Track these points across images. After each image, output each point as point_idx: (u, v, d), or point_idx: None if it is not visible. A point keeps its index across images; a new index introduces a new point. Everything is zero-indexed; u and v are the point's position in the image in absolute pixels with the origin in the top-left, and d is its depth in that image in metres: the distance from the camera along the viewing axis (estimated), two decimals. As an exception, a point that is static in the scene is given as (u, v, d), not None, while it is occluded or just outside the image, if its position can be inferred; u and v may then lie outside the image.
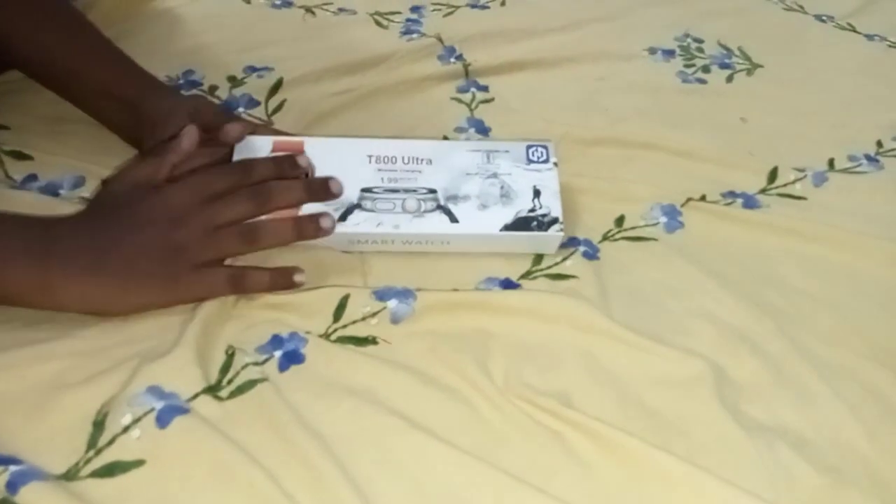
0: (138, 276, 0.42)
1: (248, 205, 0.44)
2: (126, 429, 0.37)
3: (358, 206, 0.48)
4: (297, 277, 0.45)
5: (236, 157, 0.48)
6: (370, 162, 0.49)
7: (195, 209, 0.43)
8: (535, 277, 0.50)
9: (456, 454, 0.38)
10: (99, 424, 0.38)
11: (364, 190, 0.48)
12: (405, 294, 0.46)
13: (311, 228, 0.45)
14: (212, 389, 0.40)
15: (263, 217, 0.44)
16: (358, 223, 0.47)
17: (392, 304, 0.45)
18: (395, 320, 0.45)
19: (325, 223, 0.45)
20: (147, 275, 0.42)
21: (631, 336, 0.45)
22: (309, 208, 0.46)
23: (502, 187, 0.49)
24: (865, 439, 0.42)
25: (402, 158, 0.49)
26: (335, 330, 0.44)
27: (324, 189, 0.46)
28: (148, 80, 0.55)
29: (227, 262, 0.45)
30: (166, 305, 0.43)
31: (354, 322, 0.45)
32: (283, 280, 0.45)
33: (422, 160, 0.50)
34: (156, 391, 0.39)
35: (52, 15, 0.54)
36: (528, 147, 0.51)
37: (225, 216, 0.43)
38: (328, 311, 0.45)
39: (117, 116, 0.55)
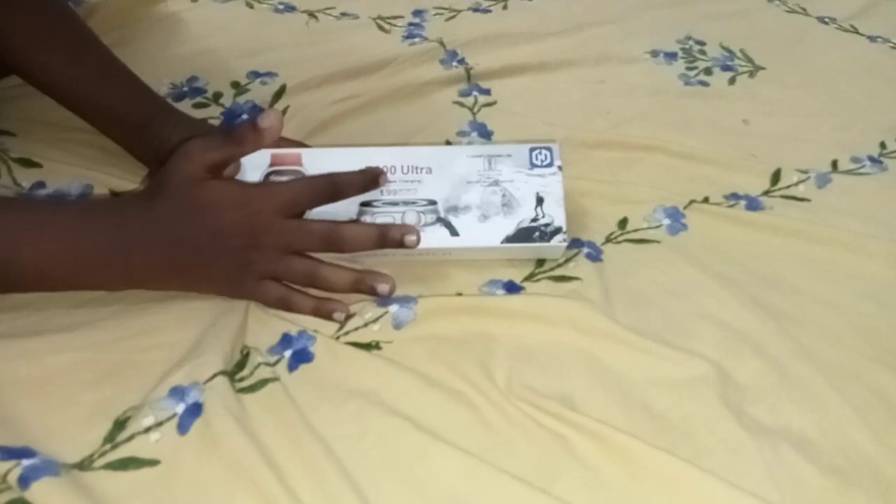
0: (208, 277, 0.45)
1: (320, 243, 0.45)
2: (147, 430, 0.38)
3: (357, 221, 0.47)
4: (337, 316, 0.45)
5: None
6: None
7: (273, 229, 0.43)
8: (538, 280, 0.50)
9: (459, 456, 0.39)
10: (120, 424, 0.38)
11: (363, 204, 0.47)
12: (406, 299, 0.46)
13: (368, 287, 0.45)
14: (229, 387, 0.40)
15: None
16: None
17: (393, 309, 0.46)
18: (398, 325, 0.45)
19: (382, 288, 0.45)
20: (216, 277, 0.45)
21: (634, 338, 0.45)
22: (318, 211, 0.46)
23: (504, 196, 0.48)
24: (870, 440, 0.42)
25: (402, 168, 0.48)
26: (338, 338, 0.45)
27: (399, 241, 0.44)
28: (154, 105, 0.55)
29: None
30: (230, 298, 0.46)
31: (357, 329, 0.45)
32: (325, 310, 0.45)
33: (421, 169, 0.49)
34: (178, 394, 0.39)
35: (60, 35, 0.54)
36: (532, 150, 0.50)
37: (296, 246, 0.45)
38: (333, 325, 0.45)
39: (124, 140, 0.55)
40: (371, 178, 0.46)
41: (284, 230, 0.44)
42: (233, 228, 0.43)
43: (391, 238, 0.44)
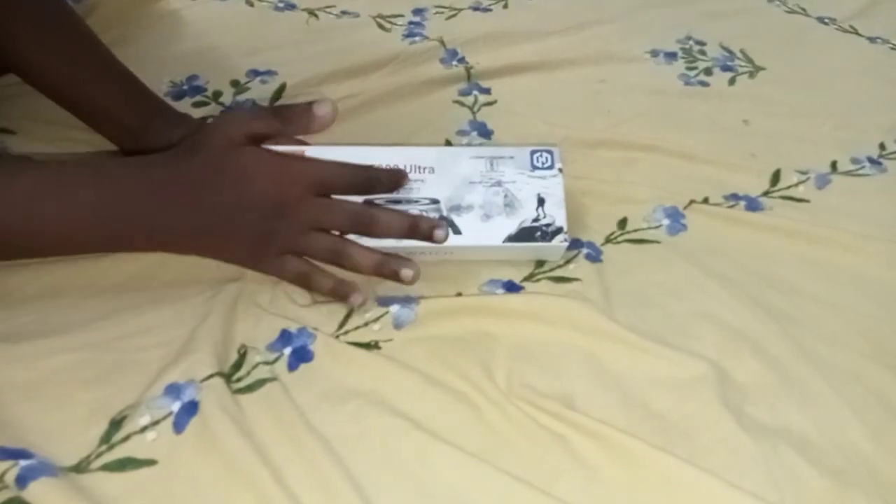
0: (231, 243, 0.44)
1: (350, 223, 0.44)
2: (143, 429, 0.38)
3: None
4: (353, 298, 0.45)
5: None
6: None
7: (303, 203, 0.43)
8: (538, 280, 0.50)
9: (459, 456, 0.39)
10: (116, 424, 0.38)
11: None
12: (408, 300, 0.46)
13: (391, 271, 0.45)
14: (225, 387, 0.40)
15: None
16: (360, 236, 0.47)
17: (394, 309, 0.46)
18: (398, 325, 0.45)
19: (405, 274, 0.45)
20: (239, 244, 0.44)
21: (634, 338, 0.45)
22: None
23: (506, 196, 0.49)
24: (869, 441, 0.42)
25: (405, 167, 0.49)
26: (338, 337, 0.45)
27: (429, 233, 0.44)
28: (153, 106, 0.55)
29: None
30: (250, 269, 0.46)
31: (357, 328, 0.45)
32: (342, 292, 0.45)
33: (424, 168, 0.49)
34: (173, 392, 0.39)
35: (59, 34, 0.53)
36: (533, 152, 0.50)
37: (325, 224, 0.44)
38: (333, 322, 0.45)
39: (123, 141, 0.55)
40: (398, 176, 0.46)
41: (315, 205, 0.44)
42: (262, 196, 0.42)
43: (421, 229, 0.44)
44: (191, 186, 0.42)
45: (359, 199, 0.47)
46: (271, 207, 0.43)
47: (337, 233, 0.45)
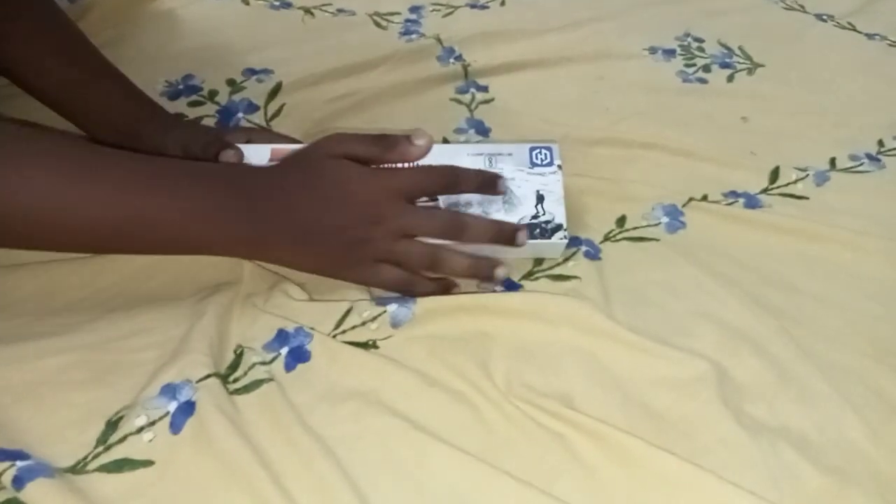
0: (325, 252, 0.44)
1: (443, 229, 0.45)
2: (140, 430, 0.38)
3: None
4: (456, 291, 0.48)
5: None
6: None
7: (396, 210, 0.44)
8: (536, 278, 0.50)
9: (458, 456, 0.38)
10: (112, 424, 0.38)
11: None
12: (405, 299, 0.46)
13: (486, 273, 0.47)
14: (222, 388, 0.40)
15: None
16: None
17: (392, 308, 0.45)
18: (395, 324, 0.45)
19: (499, 273, 0.47)
20: (333, 253, 0.44)
21: (633, 337, 0.45)
22: None
23: (505, 193, 0.49)
24: (869, 439, 0.42)
25: (403, 164, 0.49)
26: (335, 336, 0.44)
27: (511, 238, 0.46)
28: (147, 108, 0.55)
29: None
30: (339, 279, 0.47)
31: (354, 327, 0.45)
32: (448, 287, 0.47)
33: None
34: (169, 392, 0.39)
35: (52, 38, 0.53)
36: (532, 149, 0.50)
37: (418, 230, 0.45)
38: (330, 322, 0.45)
39: (118, 145, 0.54)
40: (489, 181, 0.47)
41: (407, 212, 0.45)
42: (355, 204, 0.44)
43: (506, 234, 0.46)
44: (286, 191, 0.43)
45: None
46: (365, 213, 0.44)
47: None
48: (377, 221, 0.44)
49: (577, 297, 0.48)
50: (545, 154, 0.50)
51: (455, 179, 0.46)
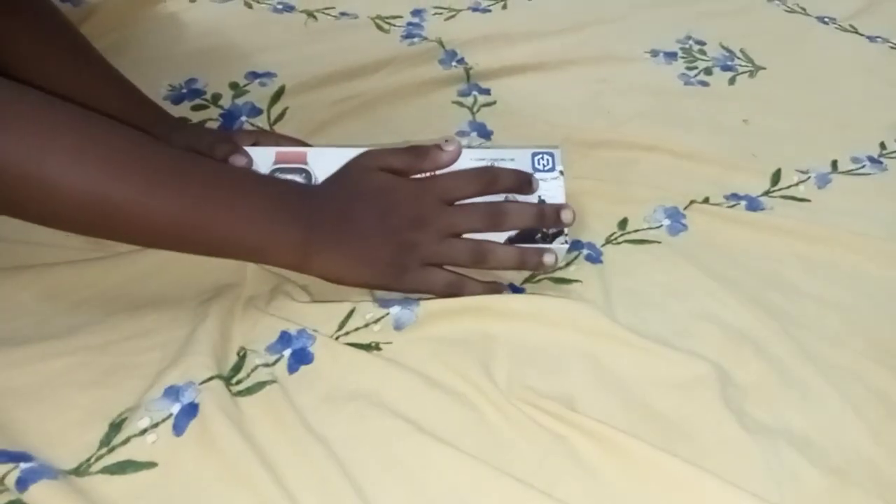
0: (374, 259, 0.45)
1: (485, 221, 0.47)
2: (143, 431, 0.38)
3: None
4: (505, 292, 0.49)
5: None
6: None
7: (437, 212, 0.46)
8: (538, 281, 0.50)
9: (460, 458, 0.38)
10: (116, 426, 0.38)
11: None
12: (408, 302, 0.46)
13: (534, 262, 0.47)
14: (225, 389, 0.40)
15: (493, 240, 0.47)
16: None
17: (395, 310, 0.45)
18: (398, 327, 0.45)
19: (548, 259, 0.47)
20: (381, 260, 0.45)
21: (635, 339, 0.45)
22: None
23: (507, 198, 0.48)
24: (870, 441, 0.42)
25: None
26: (338, 337, 0.44)
27: (556, 217, 0.47)
28: (152, 112, 0.55)
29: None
30: (387, 289, 0.47)
31: (357, 329, 0.45)
32: (497, 289, 0.48)
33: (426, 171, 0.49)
34: (172, 394, 0.39)
35: (57, 45, 0.53)
36: (534, 155, 0.50)
37: (461, 227, 0.46)
38: (333, 324, 0.45)
39: None
40: (525, 180, 0.48)
41: (448, 212, 0.46)
42: (399, 210, 0.45)
43: (548, 216, 0.47)
44: (334, 203, 0.45)
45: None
46: (409, 218, 0.45)
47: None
48: (421, 226, 0.45)
49: (579, 299, 0.48)
50: (547, 159, 0.50)
51: (493, 179, 0.47)
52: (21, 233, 0.46)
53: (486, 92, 0.69)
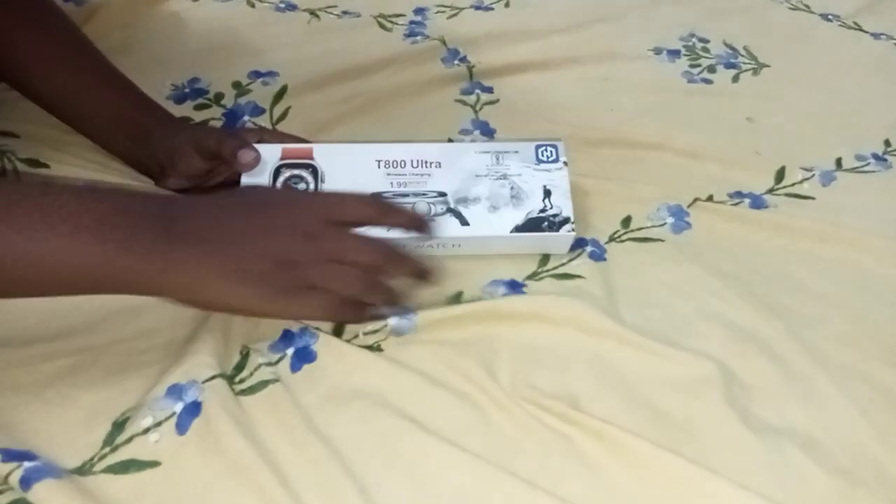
0: (246, 277, 0.39)
1: (376, 261, 0.42)
2: (146, 430, 0.38)
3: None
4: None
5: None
6: (379, 167, 0.49)
7: (322, 231, 0.41)
8: (541, 278, 0.50)
9: (464, 457, 0.38)
10: (119, 425, 0.38)
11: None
12: (404, 312, 0.45)
13: (422, 270, 0.43)
14: (228, 388, 0.40)
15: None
16: (368, 228, 0.47)
17: (393, 322, 0.45)
18: (398, 335, 0.45)
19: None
20: (255, 278, 0.39)
21: (639, 338, 0.45)
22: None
23: (512, 188, 0.49)
24: (876, 440, 0.42)
25: (412, 162, 0.49)
26: (340, 337, 0.44)
27: (430, 275, 0.43)
28: (155, 113, 0.55)
29: None
30: (259, 315, 0.42)
31: (356, 336, 0.45)
32: (379, 319, 0.45)
33: (431, 163, 0.50)
34: (175, 393, 0.39)
35: (60, 46, 0.53)
36: (538, 147, 0.51)
37: (350, 256, 0.41)
38: (330, 325, 0.45)
39: (127, 150, 0.55)
40: (419, 222, 0.44)
41: (336, 235, 0.41)
42: (281, 223, 0.40)
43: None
44: (211, 218, 0.40)
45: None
46: (300, 234, 0.40)
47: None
48: (304, 241, 0.40)
49: (583, 297, 0.48)
50: (551, 151, 0.51)
51: (386, 211, 0.43)
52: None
53: (489, 90, 0.69)
